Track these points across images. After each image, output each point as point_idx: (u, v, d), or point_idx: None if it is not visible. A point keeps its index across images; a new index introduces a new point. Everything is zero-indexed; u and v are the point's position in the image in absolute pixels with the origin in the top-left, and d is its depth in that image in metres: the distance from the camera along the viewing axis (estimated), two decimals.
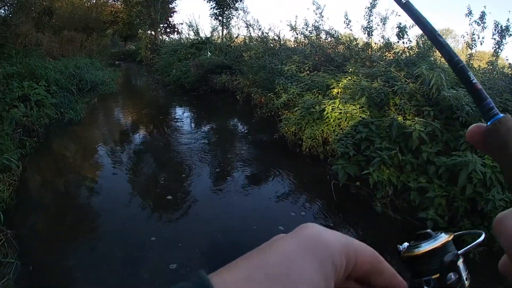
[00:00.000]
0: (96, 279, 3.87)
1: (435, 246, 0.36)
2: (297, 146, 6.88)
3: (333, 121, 6.19)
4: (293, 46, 12.24)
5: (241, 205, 5.26)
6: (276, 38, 11.98)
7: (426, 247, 0.36)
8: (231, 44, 15.77)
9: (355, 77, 7.12)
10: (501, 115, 0.34)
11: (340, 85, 7.15)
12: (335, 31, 9.80)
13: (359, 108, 6.13)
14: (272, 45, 11.70)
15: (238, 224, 4.79)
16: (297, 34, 11.49)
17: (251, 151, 7.74)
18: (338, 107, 6.30)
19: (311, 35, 10.78)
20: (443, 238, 0.37)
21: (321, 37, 10.61)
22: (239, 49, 13.44)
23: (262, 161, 7.06)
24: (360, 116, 5.93)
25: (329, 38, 10.11)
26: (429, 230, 0.39)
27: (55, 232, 4.65)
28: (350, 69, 7.64)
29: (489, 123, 0.34)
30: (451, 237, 0.38)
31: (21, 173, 5.86)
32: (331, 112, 6.28)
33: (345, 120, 6.03)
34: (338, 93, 7.08)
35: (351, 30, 9.11)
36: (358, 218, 4.99)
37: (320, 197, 5.46)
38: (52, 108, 8.75)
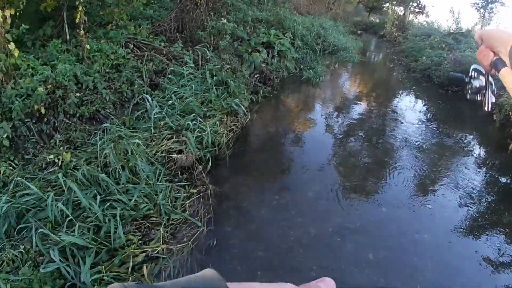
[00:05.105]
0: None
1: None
2: None
3: None
4: None
5: (453, 246, 3.55)
6: None
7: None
8: None
9: None
10: None
11: None
12: None
13: None
14: None
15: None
16: None
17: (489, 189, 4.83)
18: None
19: None
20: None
21: None
22: None
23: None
24: None
25: None
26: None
27: (257, 202, 3.84)
28: None
29: None
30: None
31: (246, 122, 4.99)
32: None
33: None
34: None
35: None
36: None
37: None
38: (292, 62, 7.95)
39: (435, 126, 6.93)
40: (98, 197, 2.96)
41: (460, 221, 3.83)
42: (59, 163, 3.46)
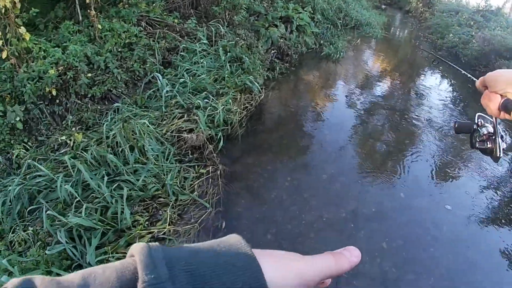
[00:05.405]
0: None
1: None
2: None
3: None
4: None
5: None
6: None
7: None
8: None
9: None
10: None
11: None
12: None
13: None
14: None
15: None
16: None
17: None
18: None
19: None
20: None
21: None
22: None
23: None
24: None
25: None
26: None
27: (268, 183, 3.63)
28: None
29: None
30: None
31: (261, 99, 4.78)
32: None
33: None
34: None
35: None
36: None
37: None
38: (312, 37, 7.55)
39: (461, 110, 6.43)
40: (106, 178, 2.91)
41: (482, 215, 3.53)
42: (71, 144, 3.44)
